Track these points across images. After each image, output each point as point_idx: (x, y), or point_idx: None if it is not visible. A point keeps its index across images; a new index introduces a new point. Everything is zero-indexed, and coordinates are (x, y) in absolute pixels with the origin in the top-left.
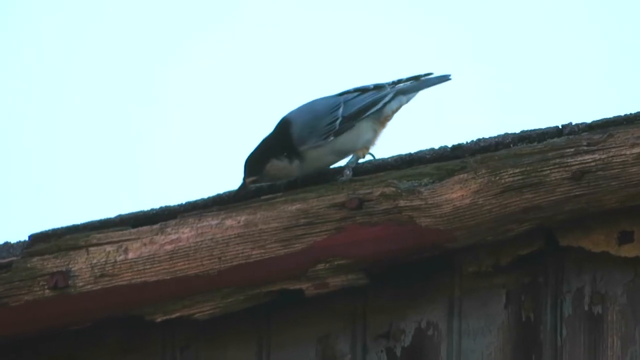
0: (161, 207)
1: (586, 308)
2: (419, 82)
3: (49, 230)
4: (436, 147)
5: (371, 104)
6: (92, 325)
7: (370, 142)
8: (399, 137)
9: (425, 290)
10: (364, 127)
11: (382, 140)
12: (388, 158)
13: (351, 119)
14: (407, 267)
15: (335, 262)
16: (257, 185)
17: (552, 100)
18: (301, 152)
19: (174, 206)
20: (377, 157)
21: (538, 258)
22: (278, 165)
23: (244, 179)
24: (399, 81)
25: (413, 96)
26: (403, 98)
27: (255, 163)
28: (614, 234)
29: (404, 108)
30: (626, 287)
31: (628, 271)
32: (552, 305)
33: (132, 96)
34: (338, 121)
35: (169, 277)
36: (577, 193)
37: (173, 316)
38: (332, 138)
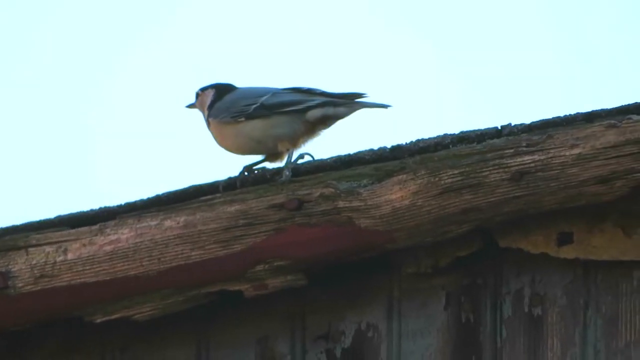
0: (100, 208)
1: (526, 309)
2: (354, 102)
3: None
4: (375, 147)
5: (294, 103)
6: (32, 326)
7: (286, 138)
8: (338, 138)
9: (365, 291)
10: (278, 120)
11: (322, 141)
12: (327, 159)
13: (269, 109)
14: (347, 268)
15: (275, 263)
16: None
17: (491, 101)
18: (210, 122)
19: (113, 207)
20: (316, 158)
21: (477, 259)
22: (204, 101)
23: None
24: (335, 95)
25: (345, 113)
26: (330, 109)
27: (204, 87)
28: (553, 235)
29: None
30: (565, 289)
31: (567, 272)
32: (492, 307)
33: (72, 95)
34: (254, 106)
35: (108, 278)
36: (516, 194)
37: (113, 317)
38: (242, 119)
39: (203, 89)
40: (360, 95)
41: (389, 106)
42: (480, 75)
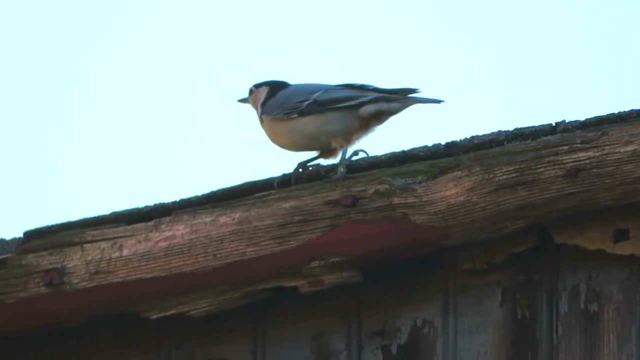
0: (155, 204)
1: (582, 306)
2: (407, 97)
3: (43, 227)
4: (430, 144)
5: (347, 99)
6: (87, 322)
7: (339, 134)
8: (393, 134)
9: (420, 288)
10: (332, 116)
11: (376, 137)
12: (382, 155)
13: (322, 105)
14: (402, 264)
15: (330, 260)
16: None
17: (546, 98)
18: (263, 119)
19: (168, 203)
20: (370, 154)
21: (533, 256)
22: (258, 98)
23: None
24: (389, 91)
25: (398, 108)
26: (384, 105)
27: (259, 83)
28: (609, 232)
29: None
30: (622, 285)
31: (623, 269)
32: (548, 303)
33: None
34: (307, 102)
35: (164, 274)
36: (571, 191)
37: (168, 313)
38: (295, 116)
39: (257, 86)
40: (413, 90)
41: (442, 101)
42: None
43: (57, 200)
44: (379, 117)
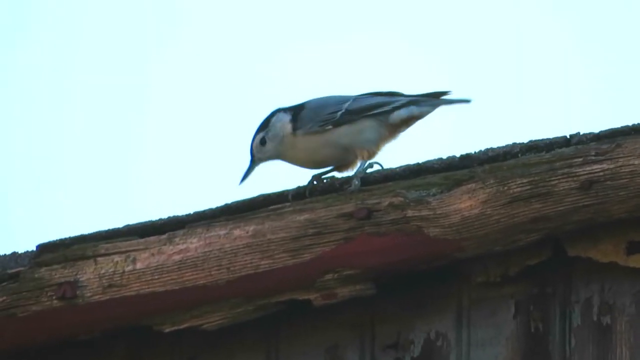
0: (169, 217)
1: (595, 318)
2: (436, 100)
3: (56, 240)
4: (444, 157)
5: (379, 105)
6: (100, 336)
7: (372, 144)
8: (407, 147)
9: (434, 300)
10: (366, 124)
11: (390, 150)
12: (396, 168)
13: (354, 114)
14: (415, 277)
15: (344, 272)
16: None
17: (560, 110)
18: (297, 136)
19: (182, 216)
20: (385, 167)
21: (546, 268)
22: (282, 119)
23: (253, 139)
24: (417, 96)
25: (428, 111)
26: (415, 109)
27: (264, 120)
28: (622, 244)
29: (418, 123)
30: (635, 297)
31: (636, 281)
32: (561, 316)
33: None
34: (340, 112)
35: (177, 287)
36: (585, 203)
37: (181, 326)
38: (330, 127)
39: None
40: (444, 93)
41: (470, 100)
42: (549, 83)
43: (70, 213)
44: (409, 122)
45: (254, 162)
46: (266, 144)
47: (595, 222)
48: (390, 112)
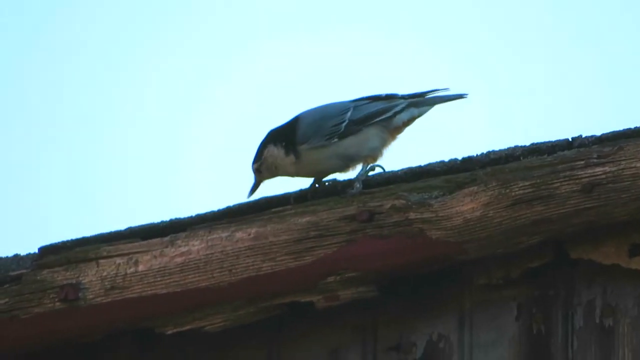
0: (171, 220)
1: (597, 320)
2: (434, 97)
3: (58, 242)
4: (446, 159)
5: (381, 112)
6: (102, 338)
7: (377, 151)
8: (409, 149)
9: (436, 303)
10: (371, 133)
11: (392, 152)
12: (398, 171)
13: (358, 124)
14: (418, 279)
15: (346, 275)
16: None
17: (562, 112)
18: (300, 151)
19: (184, 218)
20: (387, 169)
21: (548, 270)
22: (273, 153)
23: (252, 165)
24: (414, 95)
25: (426, 110)
26: (415, 111)
27: (258, 149)
28: (625, 247)
29: (416, 122)
30: (637, 300)
31: (639, 283)
32: (563, 318)
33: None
34: (344, 124)
35: (179, 290)
36: (587, 206)
37: (184, 328)
38: (335, 140)
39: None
40: (438, 90)
41: (465, 95)
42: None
43: (72, 215)
44: (409, 123)
45: (259, 180)
46: (262, 173)
47: (597, 224)
48: (392, 117)
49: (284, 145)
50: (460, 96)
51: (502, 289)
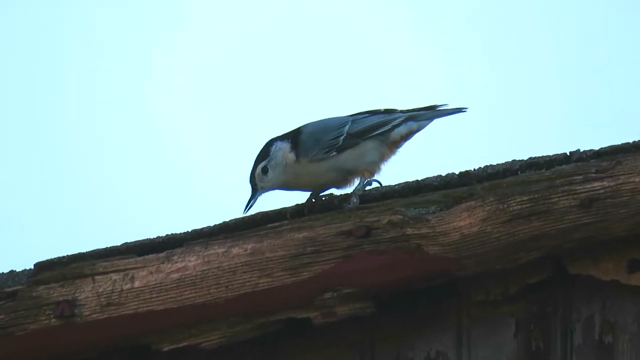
0: (167, 235)
1: (596, 337)
2: (432, 112)
3: (54, 258)
4: (443, 174)
5: (379, 125)
6: (98, 355)
7: (375, 165)
8: (406, 164)
9: (434, 319)
10: (368, 146)
11: (389, 167)
12: (395, 185)
13: (356, 137)
14: (415, 295)
15: (343, 291)
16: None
17: (560, 127)
18: (301, 164)
19: (180, 234)
20: (384, 184)
21: (547, 286)
22: (281, 147)
23: (253, 169)
24: (412, 110)
25: (426, 124)
26: (413, 124)
27: (262, 150)
28: (624, 262)
29: (415, 136)
30: (637, 316)
31: (638, 299)
32: (562, 334)
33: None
34: (342, 137)
35: (175, 306)
36: (586, 221)
37: (180, 345)
38: (334, 153)
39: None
40: (437, 106)
41: (465, 110)
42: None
43: (68, 231)
44: (407, 137)
45: (256, 191)
46: (268, 173)
47: (596, 240)
48: (390, 130)
49: (289, 141)
50: (459, 110)
51: (500, 305)
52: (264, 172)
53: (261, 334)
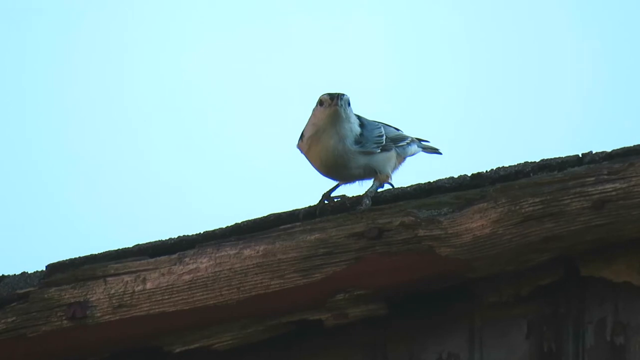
0: (179, 237)
1: (608, 338)
2: (422, 145)
3: (66, 260)
4: (455, 176)
5: (401, 137)
6: (110, 356)
7: (392, 172)
8: (418, 166)
9: (446, 320)
10: (393, 154)
11: (401, 168)
12: (407, 187)
13: (391, 142)
14: (427, 297)
15: (355, 292)
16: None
17: (572, 128)
18: (350, 151)
19: (192, 236)
20: (395, 186)
21: (559, 288)
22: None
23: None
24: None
25: (417, 152)
26: (416, 147)
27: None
28: (636, 264)
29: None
30: None
31: None
32: (574, 336)
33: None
34: (384, 138)
35: (187, 308)
36: (598, 222)
37: (192, 347)
38: (378, 151)
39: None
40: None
41: (439, 152)
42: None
43: (80, 233)
44: (409, 156)
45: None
46: (348, 109)
47: (608, 241)
48: (407, 145)
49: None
50: (436, 151)
51: (512, 306)
52: (349, 104)
53: (273, 335)
